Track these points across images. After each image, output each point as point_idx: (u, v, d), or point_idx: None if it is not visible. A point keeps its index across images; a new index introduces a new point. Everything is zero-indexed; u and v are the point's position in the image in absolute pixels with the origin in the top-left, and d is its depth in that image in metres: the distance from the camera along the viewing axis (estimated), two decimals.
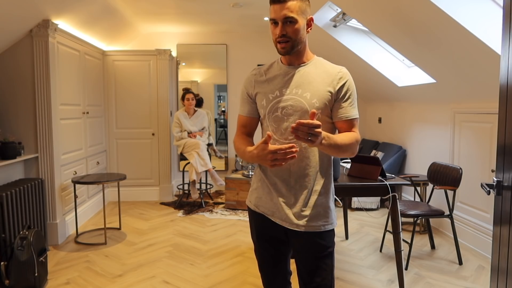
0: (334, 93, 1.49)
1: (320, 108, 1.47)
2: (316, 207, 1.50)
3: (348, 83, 1.50)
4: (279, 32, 1.47)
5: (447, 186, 3.16)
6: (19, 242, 2.68)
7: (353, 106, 1.50)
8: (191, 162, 4.81)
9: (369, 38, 4.50)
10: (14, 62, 3.41)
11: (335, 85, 1.49)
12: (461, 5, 2.62)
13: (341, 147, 1.40)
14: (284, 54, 1.53)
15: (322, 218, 1.51)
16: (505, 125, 1.41)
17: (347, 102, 1.49)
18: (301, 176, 1.50)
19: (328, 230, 1.52)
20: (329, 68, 1.55)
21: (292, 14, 1.45)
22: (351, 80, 1.52)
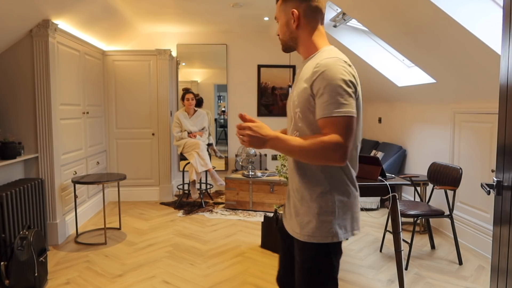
0: (310, 90, 1.32)
1: (299, 107, 1.36)
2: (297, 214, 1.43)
3: (321, 77, 1.27)
4: (276, 32, 1.52)
5: (447, 186, 3.16)
6: (19, 242, 2.68)
7: (327, 103, 1.26)
8: (191, 162, 4.81)
9: (369, 38, 4.50)
10: (14, 62, 3.41)
11: (311, 81, 1.31)
12: (461, 5, 2.62)
13: (298, 151, 1.27)
14: (284, 52, 1.53)
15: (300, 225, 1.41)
16: (505, 125, 1.41)
17: (320, 99, 1.28)
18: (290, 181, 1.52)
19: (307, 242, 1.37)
20: (314, 61, 1.35)
21: (276, 14, 1.48)
22: (327, 72, 1.27)
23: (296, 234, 1.42)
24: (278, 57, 5.86)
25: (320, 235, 1.36)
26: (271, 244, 3.49)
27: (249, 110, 5.98)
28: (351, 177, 1.40)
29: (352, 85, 1.28)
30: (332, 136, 1.24)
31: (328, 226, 1.35)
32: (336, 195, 1.37)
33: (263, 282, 2.87)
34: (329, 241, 1.36)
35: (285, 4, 1.42)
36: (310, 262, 1.39)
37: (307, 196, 1.39)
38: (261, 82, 5.96)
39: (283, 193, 4.64)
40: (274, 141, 1.28)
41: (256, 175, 4.86)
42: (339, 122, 1.24)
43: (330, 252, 1.38)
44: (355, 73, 1.33)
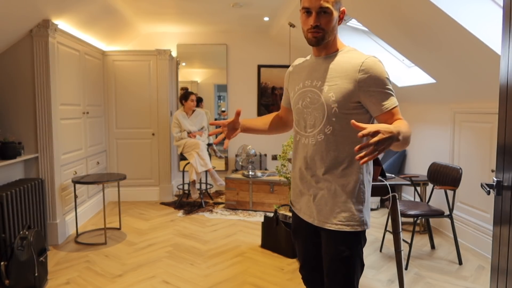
0: (358, 86, 1.40)
1: (337, 102, 1.43)
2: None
3: (371, 76, 1.39)
4: (313, 22, 1.44)
5: (447, 186, 3.16)
6: (19, 242, 2.68)
7: (386, 97, 1.41)
8: (191, 162, 4.81)
9: (369, 38, 4.50)
10: (14, 62, 3.41)
11: (356, 78, 1.40)
12: (461, 5, 2.62)
13: (407, 137, 1.32)
14: (315, 44, 1.49)
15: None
16: (505, 125, 1.41)
17: (377, 94, 1.40)
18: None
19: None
20: (353, 59, 1.44)
21: (328, 5, 1.43)
22: (376, 70, 1.40)
23: (336, 227, 1.47)
24: (278, 57, 5.86)
25: (354, 224, 1.46)
26: (271, 244, 3.49)
27: (249, 110, 5.98)
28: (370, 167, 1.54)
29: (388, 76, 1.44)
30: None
31: (360, 215, 1.47)
32: (363, 186, 1.48)
33: (263, 282, 2.87)
34: (360, 230, 1.46)
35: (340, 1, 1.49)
36: (347, 251, 1.46)
37: (345, 186, 1.47)
38: (261, 82, 5.96)
39: (283, 193, 4.64)
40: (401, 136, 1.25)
41: (256, 175, 4.86)
42: (398, 109, 1.45)
43: (361, 240, 1.49)
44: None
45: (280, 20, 4.93)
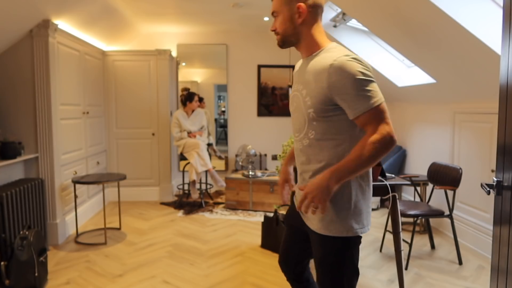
0: (328, 90, 1.32)
1: (314, 106, 1.37)
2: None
3: (340, 79, 1.29)
4: (271, 28, 1.48)
5: (447, 186, 3.16)
6: (19, 242, 2.68)
7: (358, 100, 1.29)
8: (191, 162, 4.81)
9: (369, 38, 4.50)
10: (14, 62, 3.41)
11: (328, 80, 1.31)
12: (461, 5, 2.62)
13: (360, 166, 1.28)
14: (280, 47, 1.51)
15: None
16: (505, 125, 1.41)
17: (348, 98, 1.30)
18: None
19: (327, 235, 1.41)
20: (324, 60, 1.34)
21: (274, 9, 1.44)
22: (344, 73, 1.28)
23: (316, 228, 1.45)
24: (278, 57, 5.86)
25: (334, 229, 1.40)
26: (271, 244, 3.49)
27: (249, 110, 5.98)
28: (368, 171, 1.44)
29: (370, 76, 1.31)
30: (378, 131, 1.28)
31: (343, 221, 1.40)
32: (353, 190, 1.41)
33: (263, 282, 2.87)
34: (344, 235, 1.40)
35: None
36: (331, 256, 1.43)
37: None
38: (261, 82, 5.96)
39: None
40: (335, 177, 1.29)
41: (256, 175, 4.86)
42: (378, 111, 1.29)
43: (349, 246, 1.42)
44: (369, 65, 1.35)
45: None
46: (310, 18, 1.40)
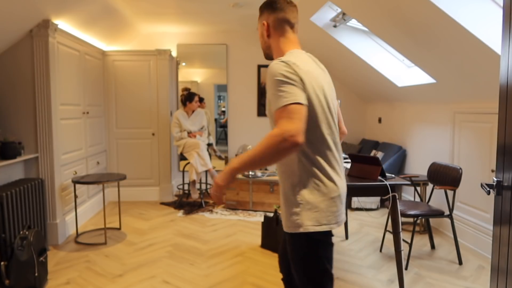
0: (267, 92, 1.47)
1: (269, 112, 1.50)
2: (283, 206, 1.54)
3: (267, 80, 1.41)
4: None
5: (447, 186, 3.16)
6: (19, 242, 2.68)
7: (275, 99, 1.35)
8: (191, 162, 4.81)
9: (369, 38, 4.50)
10: (14, 62, 3.41)
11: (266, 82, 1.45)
12: (461, 5, 2.62)
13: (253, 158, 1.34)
14: (266, 59, 1.67)
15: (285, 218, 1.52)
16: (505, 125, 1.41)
17: (270, 97, 1.40)
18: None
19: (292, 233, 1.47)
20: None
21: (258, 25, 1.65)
22: (270, 74, 1.39)
23: (284, 226, 1.55)
24: None
25: (289, 225, 1.48)
26: (271, 244, 3.49)
27: (249, 110, 5.98)
28: (324, 170, 1.45)
29: (289, 78, 1.36)
30: (279, 126, 1.30)
31: (294, 217, 1.45)
32: (304, 188, 1.44)
33: (263, 282, 2.87)
34: (297, 231, 1.45)
35: (259, 18, 1.63)
36: (295, 252, 1.51)
37: (283, 189, 1.52)
38: (261, 82, 5.96)
39: None
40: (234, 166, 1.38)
41: (256, 175, 4.86)
42: (286, 110, 1.31)
43: (307, 243, 1.46)
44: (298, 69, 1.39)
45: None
46: (275, 32, 1.57)
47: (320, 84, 1.45)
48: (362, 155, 2.83)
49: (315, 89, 1.42)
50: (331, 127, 1.48)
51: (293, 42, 1.56)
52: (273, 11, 1.56)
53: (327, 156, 1.45)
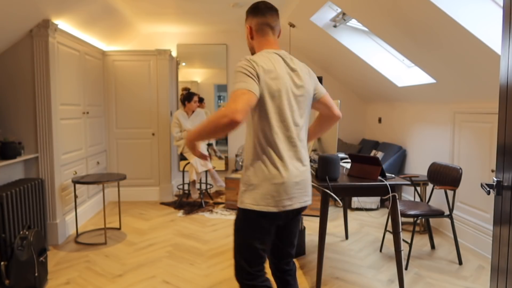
0: None
1: None
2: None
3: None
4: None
5: (447, 186, 3.16)
6: (19, 242, 2.68)
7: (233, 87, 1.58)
8: (191, 162, 4.81)
9: (369, 38, 4.50)
10: (14, 62, 3.41)
11: None
12: (461, 5, 2.62)
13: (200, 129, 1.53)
14: None
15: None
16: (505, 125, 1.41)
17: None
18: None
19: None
20: None
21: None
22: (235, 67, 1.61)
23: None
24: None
25: (238, 200, 1.69)
26: None
27: None
28: (271, 159, 1.60)
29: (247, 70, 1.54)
30: (226, 105, 1.49)
31: (241, 194, 1.66)
32: (252, 169, 1.63)
33: None
34: (239, 207, 1.66)
35: (245, 22, 1.80)
36: (234, 224, 1.76)
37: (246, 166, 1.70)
38: None
39: None
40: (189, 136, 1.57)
41: None
42: (234, 94, 1.50)
43: (241, 216, 1.68)
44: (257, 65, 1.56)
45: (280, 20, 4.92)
46: (256, 35, 1.74)
47: (279, 81, 1.58)
48: (362, 155, 2.82)
49: (271, 85, 1.57)
50: (286, 122, 1.61)
51: (271, 43, 1.72)
52: (255, 15, 1.73)
53: (277, 148, 1.60)
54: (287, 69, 1.64)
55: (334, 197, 2.49)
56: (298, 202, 1.66)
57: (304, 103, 1.67)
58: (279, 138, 1.60)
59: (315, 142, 3.07)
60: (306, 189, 1.69)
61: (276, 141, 1.59)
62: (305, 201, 1.69)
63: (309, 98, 1.71)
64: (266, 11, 1.74)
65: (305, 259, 3.30)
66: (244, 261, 1.73)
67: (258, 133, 1.60)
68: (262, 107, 1.57)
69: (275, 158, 1.59)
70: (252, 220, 1.64)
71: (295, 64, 1.68)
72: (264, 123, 1.59)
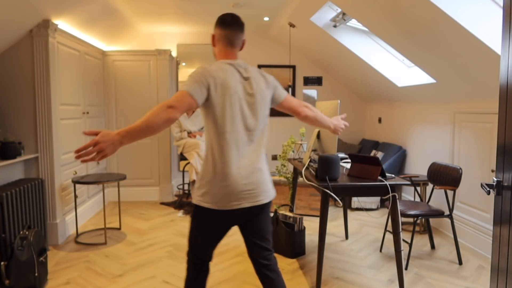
0: None
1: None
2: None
3: None
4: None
5: (447, 186, 3.16)
6: (19, 242, 2.68)
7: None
8: (191, 162, 4.81)
9: (369, 38, 4.50)
10: (14, 62, 3.41)
11: None
12: (461, 5, 2.62)
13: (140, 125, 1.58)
14: None
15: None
16: (505, 125, 1.41)
17: None
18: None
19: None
20: None
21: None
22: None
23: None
24: (278, 57, 5.86)
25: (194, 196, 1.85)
26: None
27: None
28: (219, 161, 1.73)
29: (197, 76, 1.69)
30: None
31: (195, 190, 1.84)
32: (203, 170, 1.79)
33: None
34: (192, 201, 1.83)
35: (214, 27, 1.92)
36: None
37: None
38: None
39: (283, 193, 4.64)
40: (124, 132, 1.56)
41: None
42: (174, 94, 1.67)
43: (194, 211, 1.86)
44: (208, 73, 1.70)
45: (280, 20, 4.93)
46: (217, 43, 1.88)
47: (229, 90, 1.71)
48: (362, 155, 2.82)
49: (220, 94, 1.70)
50: (236, 128, 1.73)
51: (228, 54, 1.86)
52: (219, 27, 1.89)
53: (226, 152, 1.72)
54: (240, 79, 1.78)
55: (334, 197, 2.49)
56: (248, 202, 1.76)
57: (257, 109, 1.79)
58: (228, 143, 1.72)
59: (315, 142, 3.07)
60: (258, 190, 1.79)
61: (225, 146, 1.72)
62: (257, 200, 1.79)
63: (264, 104, 1.83)
64: (230, 25, 1.90)
65: (305, 259, 3.30)
66: (190, 244, 1.91)
67: (211, 138, 1.74)
68: (213, 113, 1.71)
69: (221, 161, 1.72)
70: (198, 214, 1.83)
71: (248, 73, 1.82)
72: (215, 129, 1.72)
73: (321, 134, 3.02)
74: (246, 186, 1.75)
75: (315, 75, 6.03)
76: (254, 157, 1.79)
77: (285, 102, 1.95)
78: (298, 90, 6.04)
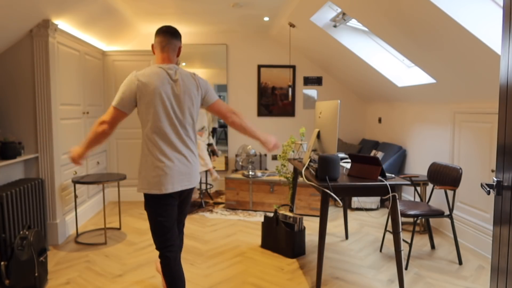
0: None
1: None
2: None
3: None
4: None
5: (447, 186, 3.16)
6: (19, 242, 2.68)
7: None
8: None
9: (369, 38, 4.50)
10: (14, 62, 3.41)
11: None
12: (461, 5, 2.62)
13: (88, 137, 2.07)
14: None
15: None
16: (505, 125, 1.41)
17: None
18: None
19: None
20: None
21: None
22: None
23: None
24: (278, 57, 5.86)
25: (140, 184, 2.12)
26: (271, 244, 3.49)
27: (249, 110, 5.98)
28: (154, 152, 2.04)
29: (125, 85, 2.04)
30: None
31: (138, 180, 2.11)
32: (141, 161, 2.09)
33: (263, 282, 2.87)
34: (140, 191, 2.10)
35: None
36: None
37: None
38: (261, 82, 5.96)
39: (283, 193, 4.64)
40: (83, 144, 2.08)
41: (256, 175, 4.86)
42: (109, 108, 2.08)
43: (145, 200, 2.12)
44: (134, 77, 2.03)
45: (280, 20, 4.93)
46: (155, 51, 2.18)
47: (156, 91, 1.99)
48: (362, 155, 2.82)
49: (148, 91, 1.99)
50: (165, 123, 2.02)
51: (163, 59, 2.14)
52: (156, 35, 2.19)
53: (157, 144, 2.03)
54: (169, 80, 2.05)
55: (334, 197, 2.49)
56: (180, 186, 2.08)
57: (184, 107, 2.06)
58: (160, 138, 2.02)
59: (315, 142, 3.07)
60: (188, 176, 2.11)
61: (157, 138, 2.02)
62: (186, 185, 2.11)
63: (191, 104, 2.10)
64: (164, 34, 2.19)
65: (305, 259, 3.30)
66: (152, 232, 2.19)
67: (146, 133, 2.06)
68: (143, 112, 2.04)
69: (156, 152, 2.03)
70: (148, 200, 2.09)
71: (177, 76, 2.07)
72: (148, 125, 2.03)
73: (321, 134, 3.02)
74: (181, 174, 2.07)
75: (315, 75, 6.03)
76: (184, 148, 2.09)
77: (214, 105, 2.21)
78: (298, 90, 6.04)
